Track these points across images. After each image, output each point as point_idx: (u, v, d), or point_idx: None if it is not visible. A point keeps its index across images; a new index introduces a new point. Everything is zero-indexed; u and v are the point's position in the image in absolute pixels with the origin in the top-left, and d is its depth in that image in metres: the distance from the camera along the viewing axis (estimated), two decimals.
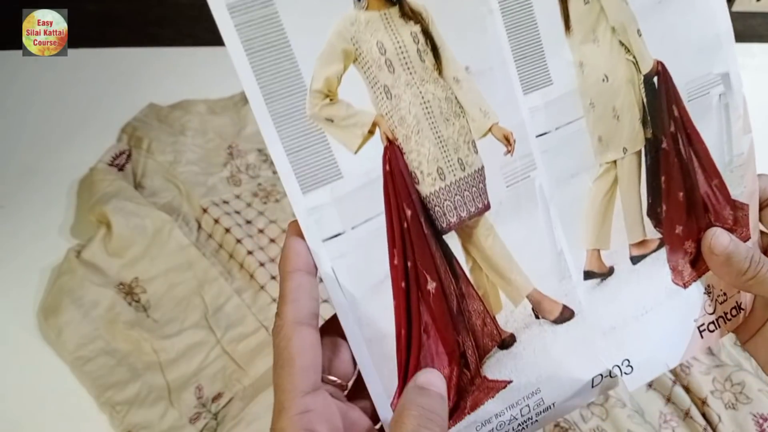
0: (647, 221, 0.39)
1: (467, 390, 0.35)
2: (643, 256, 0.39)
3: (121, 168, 0.80)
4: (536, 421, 0.36)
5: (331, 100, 0.30)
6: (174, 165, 0.82)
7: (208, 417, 0.63)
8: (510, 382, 0.35)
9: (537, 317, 0.36)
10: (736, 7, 0.96)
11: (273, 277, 0.72)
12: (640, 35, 0.36)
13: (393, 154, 0.32)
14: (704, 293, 0.39)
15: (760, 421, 0.60)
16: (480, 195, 0.35)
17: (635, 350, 0.38)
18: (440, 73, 0.33)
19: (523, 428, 0.36)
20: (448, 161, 0.33)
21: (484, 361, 0.35)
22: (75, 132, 0.88)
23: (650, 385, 0.63)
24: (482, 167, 0.34)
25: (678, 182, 0.38)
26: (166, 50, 1.01)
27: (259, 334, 0.68)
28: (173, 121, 0.87)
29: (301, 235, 0.31)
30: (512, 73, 0.34)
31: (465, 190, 0.34)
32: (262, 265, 0.73)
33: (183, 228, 0.75)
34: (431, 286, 0.33)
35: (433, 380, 0.32)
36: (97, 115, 0.90)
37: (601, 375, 0.37)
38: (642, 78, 0.37)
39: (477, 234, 0.35)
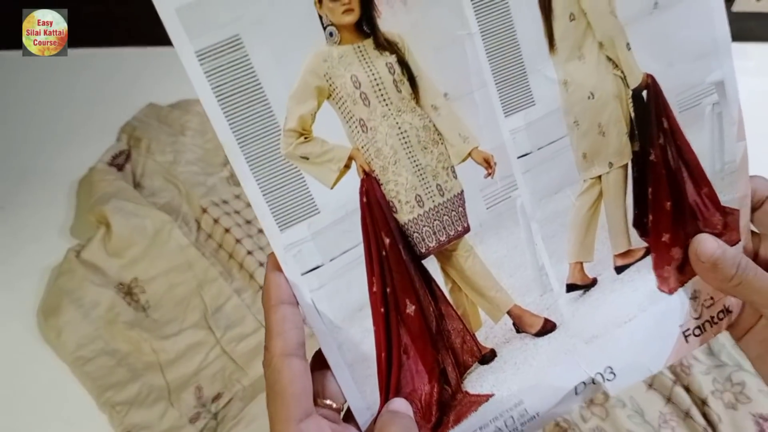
0: (633, 231, 0.39)
1: (449, 405, 0.35)
2: (628, 266, 0.39)
3: (120, 168, 0.80)
4: (522, 431, 0.37)
5: (305, 138, 0.30)
6: (173, 165, 0.82)
7: (207, 417, 0.63)
8: (492, 395, 0.36)
9: (518, 331, 0.37)
10: (735, 7, 0.95)
11: None
12: (629, 49, 0.36)
13: (370, 186, 0.32)
14: (690, 298, 0.39)
15: (760, 421, 0.60)
16: (459, 218, 0.35)
17: (618, 357, 0.38)
18: (417, 101, 0.33)
19: None
20: (427, 188, 0.34)
21: (464, 377, 0.36)
22: (75, 132, 0.89)
23: (650, 385, 0.63)
24: (461, 191, 0.34)
25: (665, 193, 0.38)
26: (166, 50, 0.99)
27: (259, 334, 0.68)
28: (173, 121, 0.87)
29: (280, 268, 0.32)
30: (493, 96, 0.34)
31: (444, 214, 0.34)
32: (261, 265, 0.73)
33: (183, 228, 0.75)
34: (410, 309, 0.34)
35: (404, 406, 0.34)
36: (97, 115, 0.90)
37: (584, 383, 0.38)
38: (630, 92, 0.37)
39: (456, 256, 0.35)
